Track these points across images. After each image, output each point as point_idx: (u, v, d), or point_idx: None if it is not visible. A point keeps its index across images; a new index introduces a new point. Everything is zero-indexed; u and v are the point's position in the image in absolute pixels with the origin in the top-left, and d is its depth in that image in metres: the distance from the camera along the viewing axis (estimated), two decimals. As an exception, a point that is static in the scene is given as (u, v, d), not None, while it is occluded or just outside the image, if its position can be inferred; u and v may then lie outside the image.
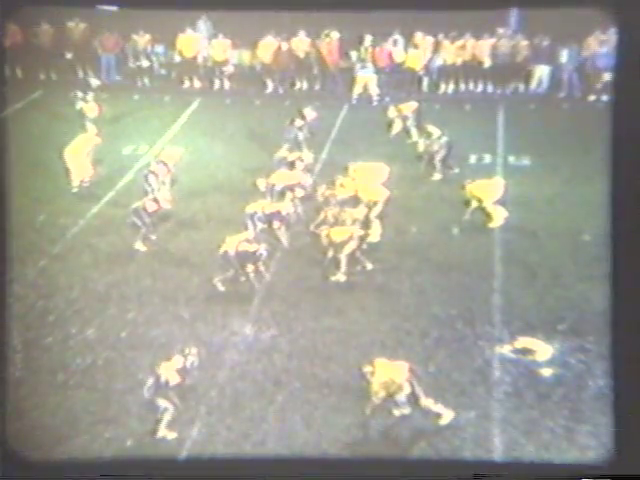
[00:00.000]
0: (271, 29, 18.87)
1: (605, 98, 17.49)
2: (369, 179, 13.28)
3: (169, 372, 9.12)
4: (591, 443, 8.91)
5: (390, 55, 18.72)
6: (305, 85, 19.32)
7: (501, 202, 13.12)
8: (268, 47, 19.11)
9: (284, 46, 19.00)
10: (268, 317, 11.11)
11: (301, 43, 19.02)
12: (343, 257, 11.86)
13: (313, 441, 9.11)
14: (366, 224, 12.46)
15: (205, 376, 9.96)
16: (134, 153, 16.06)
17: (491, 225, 12.99)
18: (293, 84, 19.33)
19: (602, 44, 17.62)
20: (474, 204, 12.99)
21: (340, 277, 11.88)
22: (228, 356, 10.39)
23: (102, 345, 10.57)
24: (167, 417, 9.11)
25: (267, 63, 19.15)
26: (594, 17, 17.04)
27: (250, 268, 11.52)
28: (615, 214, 8.99)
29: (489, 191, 13.03)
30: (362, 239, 12.00)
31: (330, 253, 11.94)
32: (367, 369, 9.21)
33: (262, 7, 13.25)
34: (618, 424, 8.64)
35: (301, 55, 19.04)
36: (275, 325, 10.95)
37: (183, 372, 9.25)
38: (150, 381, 9.10)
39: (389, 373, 9.15)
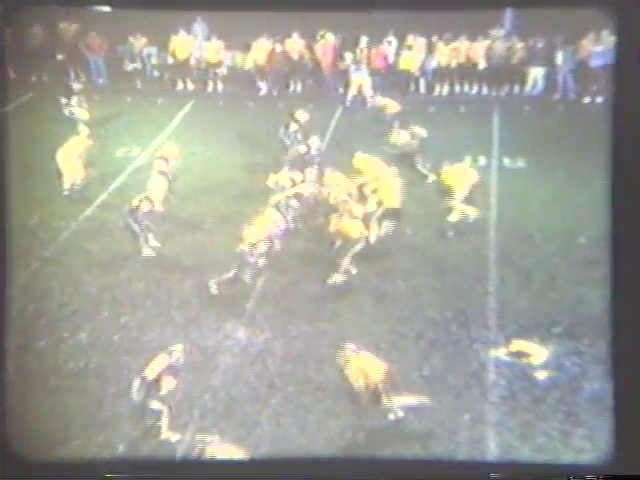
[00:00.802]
0: (264, 31, 18.82)
1: (600, 100, 17.53)
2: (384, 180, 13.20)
3: (156, 372, 9.04)
4: (587, 446, 8.91)
5: (386, 57, 18.69)
6: (299, 87, 19.28)
7: (472, 197, 12.97)
8: (262, 49, 19.06)
9: (278, 48, 18.95)
10: (262, 320, 11.05)
11: (295, 45, 18.98)
12: (347, 258, 11.73)
13: (307, 444, 9.07)
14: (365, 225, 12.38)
15: (199, 380, 9.90)
16: (127, 155, 15.99)
17: (449, 218, 12.89)
18: (287, 86, 19.28)
19: (597, 45, 17.61)
20: (448, 196, 12.88)
21: (337, 278, 11.80)
22: (222, 360, 10.33)
23: (94, 349, 10.49)
24: (165, 419, 9.04)
25: (261, 65, 19.09)
26: (589, 18, 17.23)
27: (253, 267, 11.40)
28: (614, 215, 8.94)
29: (461, 179, 12.89)
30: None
31: (337, 243, 11.78)
32: (343, 356, 9.21)
33: (258, 7, 13.17)
34: (617, 425, 8.60)
35: (295, 57, 18.99)
36: (269, 328, 10.89)
37: (173, 370, 9.17)
38: (137, 383, 9.03)
39: (364, 364, 9.11)
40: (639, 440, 8.44)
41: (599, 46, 17.56)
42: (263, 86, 19.18)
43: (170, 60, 19.36)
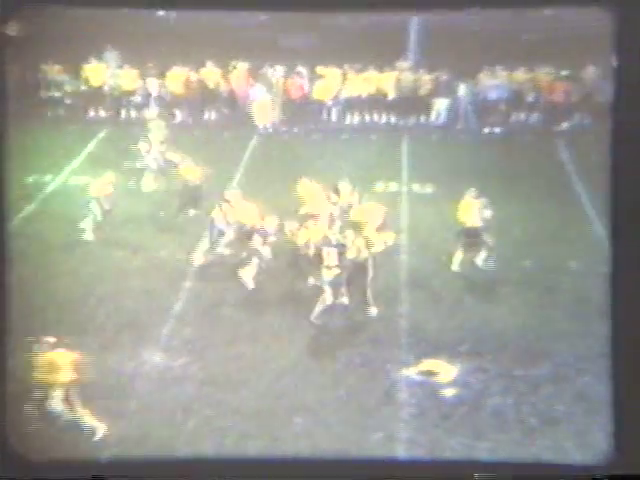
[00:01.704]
0: (179, 59, 18.92)
1: (498, 130, 18.48)
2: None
3: None
4: (492, 458, 9.26)
5: (301, 87, 19.08)
6: (214, 115, 19.42)
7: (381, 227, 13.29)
8: (177, 77, 19.14)
9: (193, 76, 19.09)
10: (179, 345, 11.10)
11: (211, 73, 19.17)
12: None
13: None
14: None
15: (114, 406, 9.87)
16: (38, 182, 15.78)
17: (373, 251, 13.31)
18: (202, 114, 19.38)
19: (493, 79, 18.59)
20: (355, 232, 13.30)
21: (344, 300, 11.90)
22: (138, 385, 10.32)
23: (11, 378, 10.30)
24: None
25: (176, 93, 19.17)
26: (486, 52, 18.22)
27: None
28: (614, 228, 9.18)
29: (371, 216, 13.28)
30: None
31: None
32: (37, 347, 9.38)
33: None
34: (616, 425, 8.86)
35: (211, 85, 19.17)
36: (186, 353, 10.96)
37: None
38: None
39: (55, 361, 9.34)
40: (639, 440, 8.70)
41: (495, 80, 18.57)
42: (178, 114, 19.26)
43: (83, 88, 19.20)
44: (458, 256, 13.06)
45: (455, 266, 13.06)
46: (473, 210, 13.05)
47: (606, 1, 9.22)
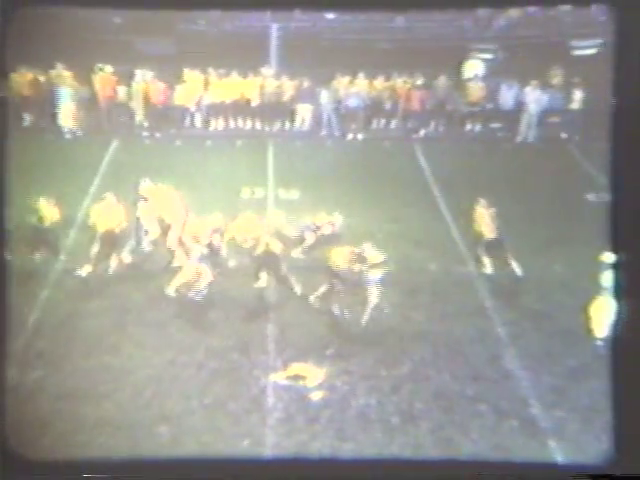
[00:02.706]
0: (25, 60, 17.93)
1: (360, 137, 18.90)
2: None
3: None
4: (355, 460, 9.42)
5: (162, 91, 18.72)
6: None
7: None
8: (22, 78, 18.15)
9: (42, 78, 18.23)
10: (33, 358, 10.66)
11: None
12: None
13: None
14: None
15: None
16: None
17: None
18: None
19: (352, 86, 18.96)
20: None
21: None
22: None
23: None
24: None
25: (24, 95, 18.20)
26: (346, 60, 18.67)
27: None
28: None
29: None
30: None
31: None
32: None
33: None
34: (617, 425, 8.95)
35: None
36: (42, 366, 10.50)
37: None
38: None
39: None
40: (639, 440, 8.81)
41: (354, 88, 19.01)
42: (27, 117, 18.33)
43: None
44: (487, 264, 13.23)
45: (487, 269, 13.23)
46: (487, 220, 13.20)
47: (606, 1, 9.37)
